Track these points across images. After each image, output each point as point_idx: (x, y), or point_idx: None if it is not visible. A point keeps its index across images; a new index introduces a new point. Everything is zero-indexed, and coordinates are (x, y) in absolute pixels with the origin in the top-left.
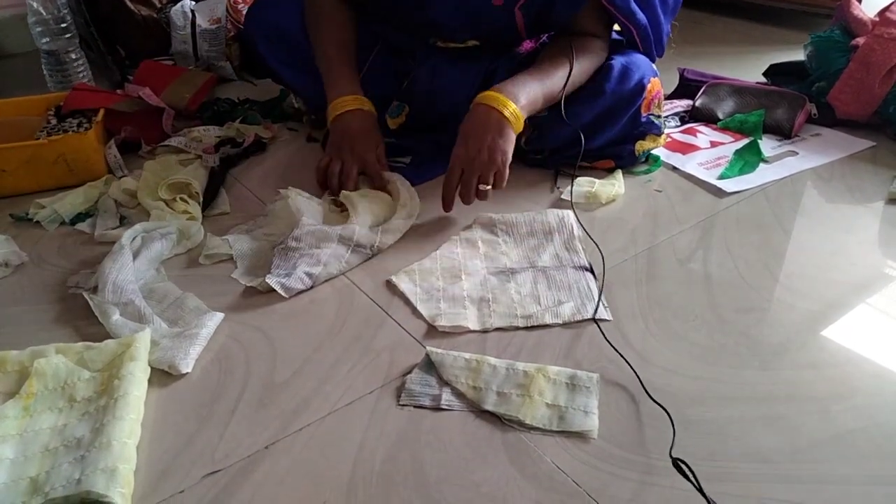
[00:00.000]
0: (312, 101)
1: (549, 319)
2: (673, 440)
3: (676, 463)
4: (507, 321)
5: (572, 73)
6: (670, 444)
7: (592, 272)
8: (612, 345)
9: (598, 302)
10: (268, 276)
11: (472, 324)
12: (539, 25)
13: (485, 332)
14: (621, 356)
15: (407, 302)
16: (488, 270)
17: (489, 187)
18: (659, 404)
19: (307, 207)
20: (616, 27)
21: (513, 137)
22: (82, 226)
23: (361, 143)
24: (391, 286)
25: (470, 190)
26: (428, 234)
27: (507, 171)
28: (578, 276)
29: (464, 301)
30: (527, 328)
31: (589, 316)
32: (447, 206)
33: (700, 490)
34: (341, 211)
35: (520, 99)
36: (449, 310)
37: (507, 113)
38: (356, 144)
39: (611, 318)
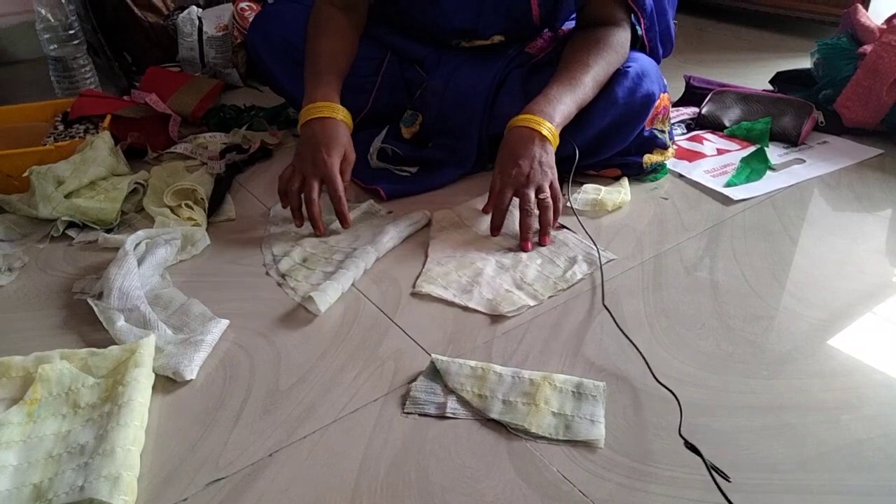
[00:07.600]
0: None
1: (579, 274)
2: (681, 420)
3: (688, 444)
4: (552, 290)
5: (599, 71)
6: (678, 426)
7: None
8: (623, 331)
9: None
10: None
11: (529, 300)
12: (554, 13)
13: (539, 304)
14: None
15: (415, 308)
16: (490, 254)
17: (555, 226)
18: (665, 386)
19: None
20: None
21: (553, 153)
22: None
23: (326, 155)
24: (420, 295)
25: (532, 210)
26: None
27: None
28: (565, 234)
29: (501, 286)
30: (533, 319)
31: (601, 258)
32: (497, 230)
33: (713, 470)
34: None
35: (555, 117)
36: (499, 296)
37: (545, 132)
38: (319, 155)
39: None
